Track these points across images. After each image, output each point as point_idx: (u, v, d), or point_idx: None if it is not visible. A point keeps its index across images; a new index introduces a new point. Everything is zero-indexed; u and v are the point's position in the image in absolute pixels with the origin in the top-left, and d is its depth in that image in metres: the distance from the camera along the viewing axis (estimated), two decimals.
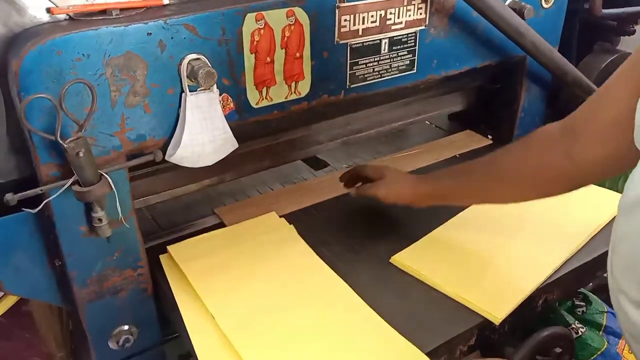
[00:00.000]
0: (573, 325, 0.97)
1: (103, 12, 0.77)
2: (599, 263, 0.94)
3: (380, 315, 0.84)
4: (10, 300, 1.18)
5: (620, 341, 0.99)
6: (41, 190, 0.76)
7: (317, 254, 0.97)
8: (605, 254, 0.65)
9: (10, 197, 0.74)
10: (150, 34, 0.77)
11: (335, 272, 0.93)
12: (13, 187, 0.76)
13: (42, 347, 1.31)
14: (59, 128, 0.71)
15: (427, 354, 0.78)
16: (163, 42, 0.78)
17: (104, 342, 0.93)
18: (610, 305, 1.03)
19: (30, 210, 0.78)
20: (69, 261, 0.83)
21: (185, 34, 0.79)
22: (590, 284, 1.09)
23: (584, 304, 1.03)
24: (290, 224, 1.05)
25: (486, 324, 0.85)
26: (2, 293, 1.17)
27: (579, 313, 1.04)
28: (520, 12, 1.09)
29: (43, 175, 0.77)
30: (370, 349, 0.79)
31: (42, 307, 1.22)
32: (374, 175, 1.01)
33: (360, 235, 1.03)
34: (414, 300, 0.88)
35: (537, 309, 0.92)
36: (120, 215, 0.83)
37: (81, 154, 0.73)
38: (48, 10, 0.75)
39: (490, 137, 1.38)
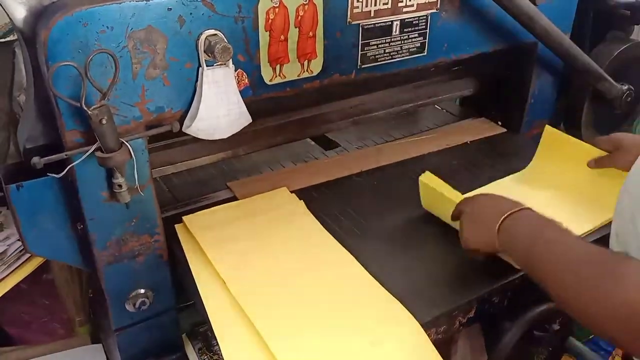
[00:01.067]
0: None
1: None
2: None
3: (383, 285, 0.87)
4: (31, 267, 1.24)
5: None
6: (66, 155, 0.81)
7: (325, 227, 1.01)
8: None
9: (37, 161, 0.79)
10: (171, 9, 0.81)
11: (342, 245, 0.97)
12: (40, 152, 0.81)
13: (61, 313, 1.37)
14: (84, 96, 0.76)
15: (427, 323, 0.81)
16: (182, 17, 0.82)
17: (122, 304, 0.98)
18: None
19: (55, 175, 0.83)
20: (90, 224, 0.88)
21: (204, 10, 0.83)
22: None
23: None
24: (300, 199, 1.09)
25: (485, 297, 0.88)
26: (24, 259, 1.23)
27: None
28: None
29: (68, 141, 0.81)
30: (369, 315, 0.83)
31: (63, 274, 1.28)
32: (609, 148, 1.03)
33: (368, 211, 1.06)
34: (417, 274, 0.91)
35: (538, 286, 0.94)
36: (138, 182, 0.88)
37: (104, 121, 0.78)
38: None
39: (500, 123, 1.40)
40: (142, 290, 0.98)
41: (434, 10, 1.06)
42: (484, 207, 0.86)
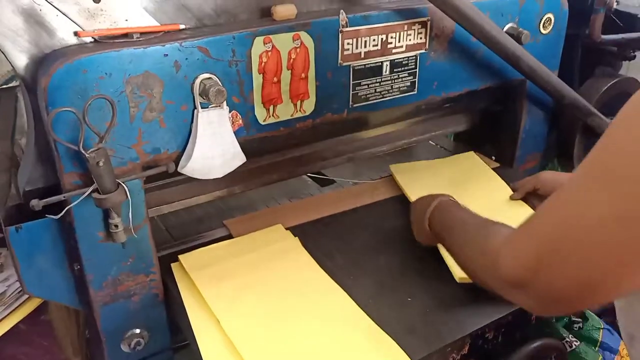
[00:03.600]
0: (567, 339, 0.99)
1: (125, 35, 0.85)
2: None
3: (376, 323, 0.88)
4: (30, 307, 1.25)
5: (615, 357, 1.01)
6: (64, 197, 0.83)
7: (320, 265, 1.02)
8: None
9: (36, 203, 0.81)
10: (167, 55, 0.84)
11: (336, 282, 0.97)
12: (39, 194, 0.84)
13: (59, 354, 1.36)
14: (82, 139, 0.78)
15: None
16: (178, 62, 0.85)
17: (117, 344, 0.98)
18: (607, 322, 1.06)
19: (54, 216, 0.85)
20: (86, 265, 0.90)
21: (199, 55, 0.86)
22: None
23: (580, 320, 1.05)
24: (295, 236, 1.10)
25: (479, 333, 0.88)
26: (23, 300, 1.24)
27: (575, 329, 1.06)
28: (517, 38, 1.15)
29: (66, 183, 0.84)
30: (363, 353, 0.83)
31: (60, 314, 1.27)
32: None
33: (362, 248, 1.07)
34: (410, 311, 0.92)
35: (531, 321, 0.95)
36: (134, 222, 0.89)
37: (101, 164, 0.80)
38: (75, 33, 0.83)
39: (494, 158, 1.42)
40: (138, 330, 0.99)
41: (423, 51, 1.09)
42: (415, 210, 1.03)
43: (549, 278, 0.62)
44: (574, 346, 0.98)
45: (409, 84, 1.10)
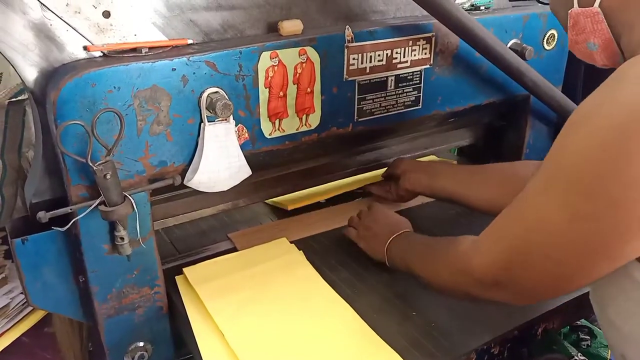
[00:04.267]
0: (575, 357, 0.98)
1: (134, 50, 0.86)
2: None
3: (381, 337, 0.87)
4: (33, 320, 1.24)
5: None
6: (71, 209, 0.83)
7: (325, 278, 1.02)
8: None
9: (42, 215, 0.81)
10: (175, 69, 0.85)
11: (340, 296, 0.97)
12: (45, 206, 0.84)
13: None
14: (90, 152, 0.79)
15: None
16: (186, 76, 0.86)
17: (120, 357, 0.97)
18: None
19: (60, 228, 0.85)
20: (91, 277, 0.90)
21: (206, 69, 0.87)
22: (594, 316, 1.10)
23: (588, 337, 1.04)
24: (299, 249, 1.10)
25: (485, 348, 0.87)
26: (26, 312, 1.24)
27: (583, 346, 1.05)
28: (521, 54, 1.16)
29: (73, 196, 0.84)
30: None
31: (64, 327, 1.27)
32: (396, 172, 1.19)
33: (367, 261, 1.07)
34: (415, 325, 0.91)
35: (537, 337, 0.94)
36: (140, 234, 0.90)
37: (108, 176, 0.80)
38: (85, 47, 0.84)
39: None
40: (141, 344, 0.98)
41: (427, 66, 1.10)
42: (376, 222, 1.06)
43: (523, 275, 0.68)
44: None
45: (413, 98, 1.11)
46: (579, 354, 1.03)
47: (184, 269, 1.03)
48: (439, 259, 0.84)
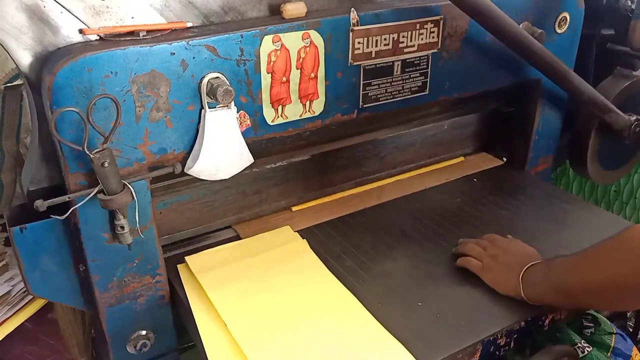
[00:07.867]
0: (579, 344, 0.97)
1: (131, 33, 0.83)
2: None
3: (385, 327, 0.86)
4: (35, 307, 1.24)
5: None
6: (69, 197, 0.81)
7: (328, 267, 1.00)
8: None
9: (40, 203, 0.79)
10: (174, 53, 0.82)
11: (344, 285, 0.95)
12: (43, 194, 0.82)
13: (65, 352, 1.35)
14: (86, 140, 0.77)
15: None
16: (185, 61, 0.83)
17: (122, 346, 0.97)
18: (619, 327, 1.03)
19: (58, 217, 0.83)
20: (92, 266, 0.88)
21: (206, 54, 0.85)
22: None
23: (592, 325, 1.02)
24: (303, 238, 1.08)
25: (491, 339, 0.86)
26: (28, 300, 1.23)
27: (587, 334, 1.03)
28: (533, 37, 1.12)
29: (71, 184, 0.82)
30: (371, 358, 0.81)
31: (66, 314, 1.27)
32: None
33: (370, 250, 1.05)
34: (419, 314, 0.90)
35: (544, 327, 0.93)
36: (140, 223, 0.88)
37: (106, 164, 0.78)
38: (80, 31, 0.82)
39: (505, 159, 1.40)
40: (144, 332, 0.97)
41: (435, 50, 1.07)
42: (505, 251, 0.96)
43: None
44: (586, 352, 0.96)
45: (420, 84, 1.08)
46: (583, 341, 1.02)
47: (186, 258, 1.02)
48: (605, 250, 0.78)
